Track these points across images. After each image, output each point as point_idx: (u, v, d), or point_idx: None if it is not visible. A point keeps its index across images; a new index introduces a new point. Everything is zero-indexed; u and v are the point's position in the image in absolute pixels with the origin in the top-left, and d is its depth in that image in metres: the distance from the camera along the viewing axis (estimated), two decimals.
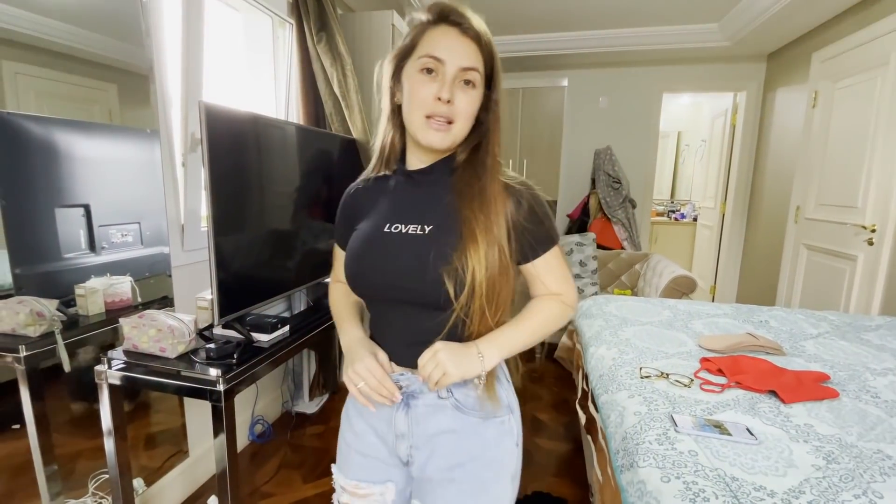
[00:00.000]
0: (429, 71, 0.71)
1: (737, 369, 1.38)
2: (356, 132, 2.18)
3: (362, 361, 0.74)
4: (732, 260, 4.02)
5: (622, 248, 3.70)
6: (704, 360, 1.47)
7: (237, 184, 1.37)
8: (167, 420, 1.71)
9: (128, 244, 1.46)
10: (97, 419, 1.29)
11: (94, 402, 1.30)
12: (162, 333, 1.27)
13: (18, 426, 1.25)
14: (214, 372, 1.20)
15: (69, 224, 1.29)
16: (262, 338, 1.40)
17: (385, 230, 0.77)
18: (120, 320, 1.31)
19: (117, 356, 1.28)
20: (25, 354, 1.20)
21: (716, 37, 3.34)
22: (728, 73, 3.76)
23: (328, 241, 0.94)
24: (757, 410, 1.17)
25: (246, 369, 1.27)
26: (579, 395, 1.77)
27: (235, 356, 1.28)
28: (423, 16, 0.73)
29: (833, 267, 2.71)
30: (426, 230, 0.74)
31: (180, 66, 1.61)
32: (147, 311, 1.32)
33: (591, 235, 3.39)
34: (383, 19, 2.36)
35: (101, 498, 1.41)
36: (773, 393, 1.25)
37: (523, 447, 0.83)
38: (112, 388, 1.26)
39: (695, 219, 5.15)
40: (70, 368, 1.27)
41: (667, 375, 1.35)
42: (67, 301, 1.31)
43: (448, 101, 0.70)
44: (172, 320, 1.29)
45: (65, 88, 1.28)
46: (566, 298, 0.81)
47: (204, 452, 1.83)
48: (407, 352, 0.76)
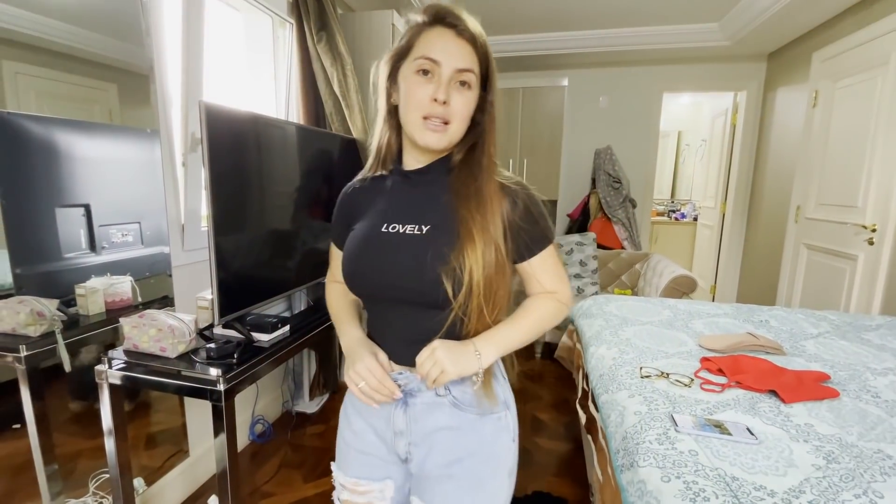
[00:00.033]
0: (425, 72, 0.71)
1: (737, 369, 1.38)
2: (356, 132, 2.18)
3: (363, 361, 0.75)
4: (733, 260, 4.02)
5: (622, 248, 3.70)
6: (705, 360, 1.47)
7: (237, 183, 1.37)
8: (167, 420, 1.71)
9: (128, 244, 1.46)
10: (97, 419, 1.29)
11: (95, 402, 1.31)
12: (162, 333, 1.27)
13: (19, 426, 1.25)
14: (215, 372, 1.20)
15: (69, 224, 1.29)
16: (263, 337, 1.41)
17: (383, 230, 0.77)
18: (120, 320, 1.31)
19: (118, 356, 1.28)
20: (26, 354, 1.20)
21: (716, 36, 3.34)
22: (728, 73, 3.76)
23: (328, 241, 0.94)
24: (757, 410, 1.17)
25: (246, 369, 1.27)
26: (579, 395, 1.77)
27: (236, 356, 1.28)
28: (419, 17, 0.74)
29: (833, 266, 2.71)
30: (424, 230, 0.74)
31: (180, 66, 1.61)
32: (147, 311, 1.32)
33: (592, 235, 3.40)
34: (383, 19, 2.36)
35: (102, 497, 1.41)
36: (774, 393, 1.25)
37: (523, 447, 0.83)
38: (112, 388, 1.26)
39: (695, 218, 5.15)
40: (70, 368, 1.27)
41: (667, 375, 1.35)
42: (68, 301, 1.31)
43: (444, 103, 0.70)
44: (173, 320, 1.29)
45: (65, 88, 1.28)
46: (561, 296, 0.82)
47: (204, 452, 1.83)
48: (405, 350, 0.77)
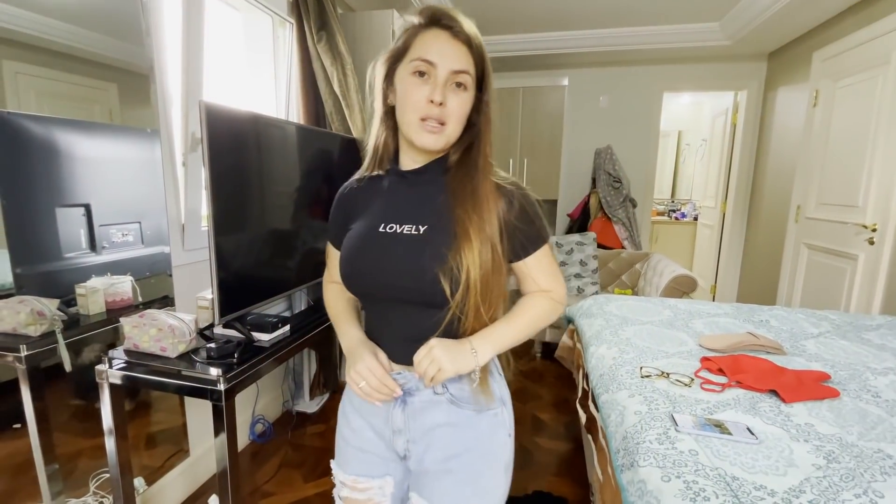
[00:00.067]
0: (421, 74, 0.72)
1: (737, 369, 1.38)
2: (356, 131, 2.18)
3: (364, 361, 0.76)
4: (733, 259, 4.02)
5: (623, 248, 3.70)
6: (705, 360, 1.47)
7: (237, 183, 1.37)
8: (168, 419, 1.71)
9: (128, 244, 1.46)
10: (98, 418, 1.29)
11: (95, 402, 1.31)
12: (163, 333, 1.27)
13: (19, 425, 1.26)
14: (215, 371, 1.20)
15: (70, 223, 1.29)
16: (263, 337, 1.41)
17: (380, 230, 0.78)
18: (121, 320, 1.31)
19: (118, 355, 1.28)
20: (26, 354, 1.20)
21: (716, 36, 3.33)
22: (729, 73, 3.76)
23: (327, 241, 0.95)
24: (757, 410, 1.17)
25: (246, 369, 1.27)
26: (580, 395, 1.77)
27: (236, 355, 1.28)
28: (415, 19, 0.74)
29: (834, 266, 2.71)
30: (421, 230, 0.75)
31: (181, 66, 1.61)
32: (148, 311, 1.32)
33: (592, 235, 3.39)
34: (383, 18, 2.35)
35: (102, 497, 1.41)
36: (774, 392, 1.25)
37: (524, 446, 0.84)
38: (113, 388, 1.26)
39: (695, 218, 5.15)
40: (71, 368, 1.28)
41: (667, 375, 1.35)
42: (68, 300, 1.31)
43: (440, 104, 0.71)
44: (173, 320, 1.29)
45: (65, 88, 1.28)
46: (555, 295, 0.83)
47: (205, 452, 1.83)
48: (403, 349, 0.78)
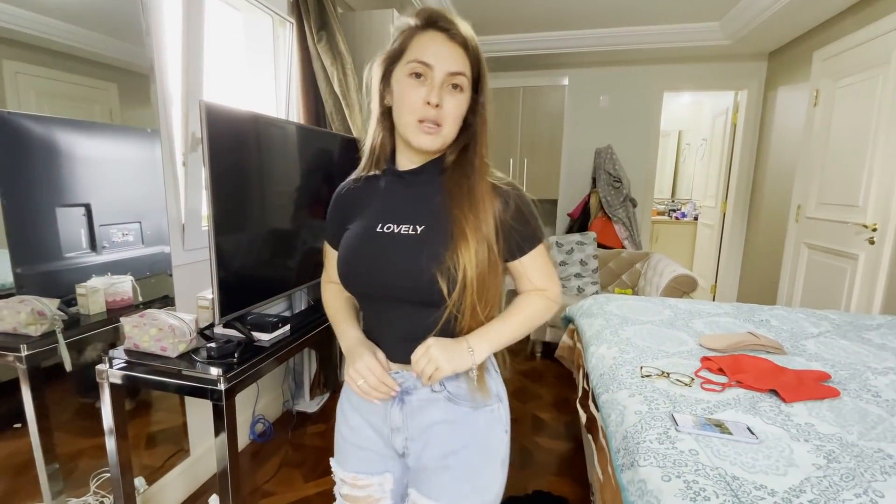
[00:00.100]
0: (418, 75, 0.72)
1: (737, 368, 1.38)
2: (356, 131, 2.18)
3: (362, 360, 0.77)
4: (733, 259, 4.02)
5: (623, 247, 3.70)
6: (705, 359, 1.47)
7: (238, 183, 1.37)
8: (168, 419, 1.72)
9: (129, 243, 1.46)
10: (98, 418, 1.29)
11: (96, 401, 1.31)
12: (163, 332, 1.27)
13: (20, 425, 1.26)
14: (215, 371, 1.20)
15: (70, 223, 1.29)
16: (263, 337, 1.41)
17: (377, 230, 0.78)
18: (121, 319, 1.31)
19: (118, 355, 1.28)
20: (27, 353, 1.20)
21: (717, 35, 3.33)
22: (729, 72, 3.75)
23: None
24: (758, 409, 1.17)
25: (247, 368, 1.27)
26: (580, 394, 1.77)
27: (236, 355, 1.28)
28: (412, 20, 0.74)
29: (834, 266, 2.70)
30: (418, 230, 0.76)
31: (181, 66, 1.61)
32: (148, 311, 1.32)
33: (592, 234, 3.39)
34: (384, 18, 2.35)
35: (103, 497, 1.42)
36: (774, 392, 1.25)
37: (524, 446, 0.84)
38: (113, 387, 1.26)
39: (695, 218, 5.15)
40: (71, 367, 1.28)
41: (667, 374, 1.35)
42: (68, 300, 1.31)
43: (437, 106, 0.71)
44: (173, 319, 1.29)
45: (65, 88, 1.28)
46: (550, 294, 0.84)
47: (205, 451, 1.83)
48: (400, 348, 0.79)
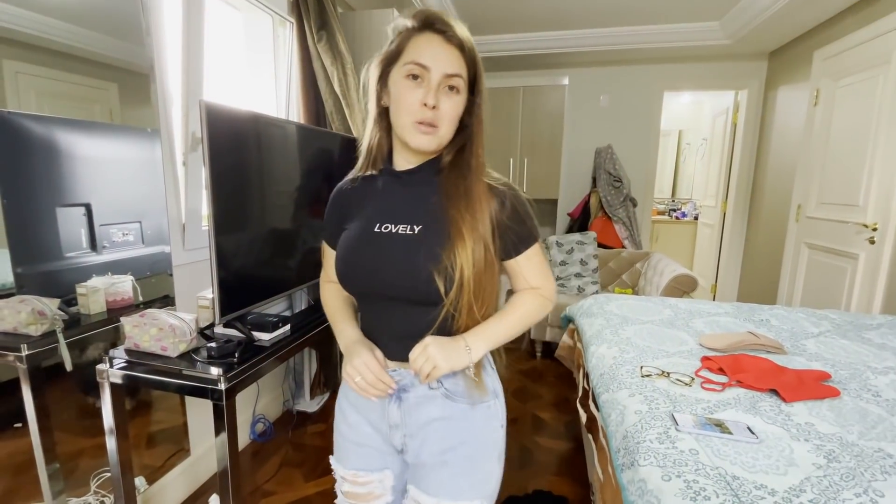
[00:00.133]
0: (414, 77, 0.73)
1: (738, 368, 1.38)
2: (357, 131, 2.18)
3: (360, 357, 0.78)
4: (733, 258, 4.01)
5: (623, 247, 3.70)
6: (705, 359, 1.47)
7: (238, 183, 1.37)
8: (168, 419, 1.72)
9: (129, 243, 1.46)
10: (99, 418, 1.29)
11: (96, 401, 1.31)
12: (163, 332, 1.27)
13: (20, 425, 1.26)
14: (216, 371, 1.21)
15: (70, 223, 1.29)
16: (263, 336, 1.41)
17: (376, 230, 0.79)
18: (121, 319, 1.31)
19: (119, 355, 1.28)
20: (27, 353, 1.20)
21: (717, 35, 3.33)
22: (729, 72, 3.75)
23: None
24: (758, 409, 1.17)
25: (247, 368, 1.27)
26: (580, 394, 1.77)
27: (236, 355, 1.28)
28: (409, 22, 0.75)
29: (834, 265, 2.70)
30: (416, 230, 0.77)
31: (181, 65, 1.61)
32: (148, 310, 1.32)
33: (592, 234, 3.39)
34: (383, 18, 2.35)
35: (103, 496, 1.42)
36: (774, 392, 1.25)
37: (524, 445, 0.85)
38: (113, 387, 1.26)
39: (696, 217, 5.14)
40: (72, 367, 1.28)
41: (668, 374, 1.35)
42: (69, 300, 1.31)
43: (433, 107, 0.72)
44: (174, 319, 1.29)
45: (65, 87, 1.28)
46: (545, 292, 0.85)
47: (205, 451, 1.83)
48: (398, 346, 0.80)
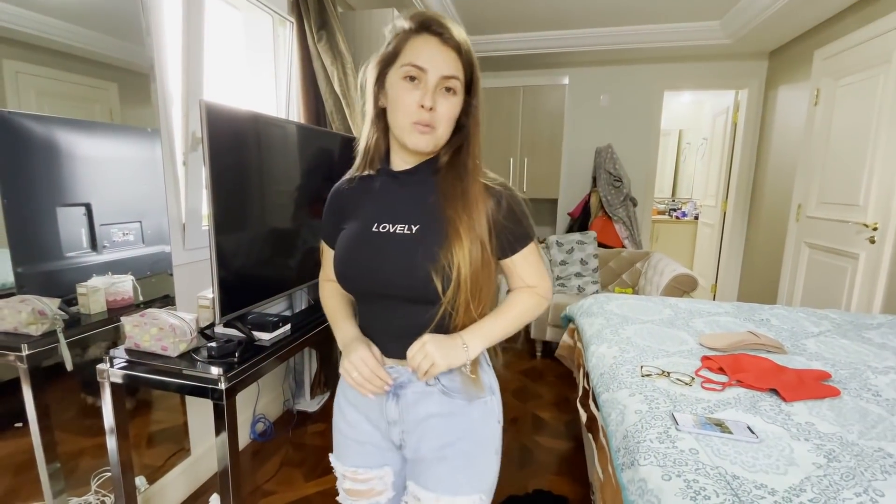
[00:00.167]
0: (412, 79, 0.73)
1: (738, 368, 1.38)
2: (357, 130, 2.18)
3: (357, 353, 0.79)
4: (734, 258, 4.01)
5: (623, 247, 3.70)
6: (705, 359, 1.47)
7: (238, 182, 1.36)
8: (169, 418, 1.72)
9: (129, 243, 1.46)
10: (99, 417, 1.29)
11: (97, 401, 1.31)
12: (163, 332, 1.27)
13: (21, 424, 1.26)
14: (216, 370, 1.21)
15: (70, 223, 1.29)
16: (264, 336, 1.41)
17: (373, 230, 0.80)
18: (122, 319, 1.31)
19: (119, 355, 1.28)
20: (28, 353, 1.20)
21: (717, 34, 3.33)
22: (729, 71, 3.75)
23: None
24: (758, 409, 1.17)
25: (247, 368, 1.27)
26: (580, 394, 1.77)
27: (237, 355, 1.28)
28: (406, 24, 0.75)
29: (834, 265, 2.70)
30: (413, 230, 0.78)
31: (181, 65, 1.61)
32: (148, 310, 1.32)
33: (592, 234, 3.39)
34: (384, 17, 2.35)
35: (104, 496, 1.42)
36: (775, 391, 1.25)
37: (524, 445, 0.85)
38: (114, 387, 1.26)
39: (696, 217, 5.14)
40: (72, 367, 1.28)
41: (668, 374, 1.35)
42: (69, 300, 1.31)
43: (431, 109, 0.73)
44: (174, 319, 1.29)
45: (65, 87, 1.28)
46: (541, 290, 0.86)
47: (206, 450, 1.83)
48: (396, 344, 0.80)
